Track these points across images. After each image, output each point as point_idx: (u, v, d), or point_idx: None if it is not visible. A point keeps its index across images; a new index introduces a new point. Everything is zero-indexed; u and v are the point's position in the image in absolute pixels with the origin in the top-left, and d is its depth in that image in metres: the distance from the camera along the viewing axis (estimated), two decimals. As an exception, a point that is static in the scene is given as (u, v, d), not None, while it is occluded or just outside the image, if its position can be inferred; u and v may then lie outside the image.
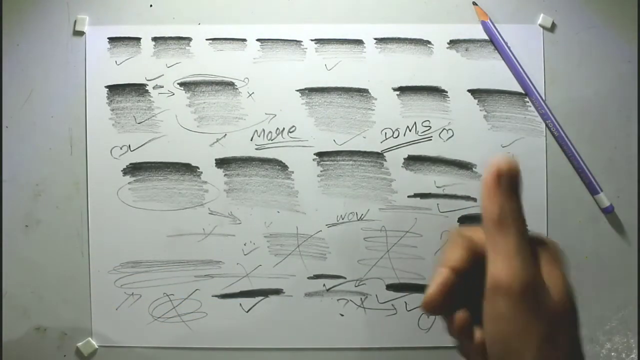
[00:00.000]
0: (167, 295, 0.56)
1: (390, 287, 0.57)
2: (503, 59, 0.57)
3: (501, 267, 0.32)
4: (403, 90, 0.57)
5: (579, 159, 0.57)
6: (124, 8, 0.57)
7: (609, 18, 0.58)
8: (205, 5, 0.57)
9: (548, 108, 0.57)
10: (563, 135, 0.57)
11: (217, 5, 0.57)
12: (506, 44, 0.57)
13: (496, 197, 0.33)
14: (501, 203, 0.33)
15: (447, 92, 0.57)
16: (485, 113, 0.57)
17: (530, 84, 0.57)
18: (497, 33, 0.57)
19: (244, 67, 0.57)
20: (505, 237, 0.33)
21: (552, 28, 0.58)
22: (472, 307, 0.34)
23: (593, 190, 0.57)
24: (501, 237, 0.33)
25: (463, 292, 0.34)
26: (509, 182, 0.34)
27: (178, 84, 0.57)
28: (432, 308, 0.34)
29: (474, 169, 0.57)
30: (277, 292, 0.57)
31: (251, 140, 0.57)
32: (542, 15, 0.58)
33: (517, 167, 0.34)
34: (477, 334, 0.35)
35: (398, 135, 0.57)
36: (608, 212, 0.57)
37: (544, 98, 0.57)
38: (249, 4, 0.57)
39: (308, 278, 0.57)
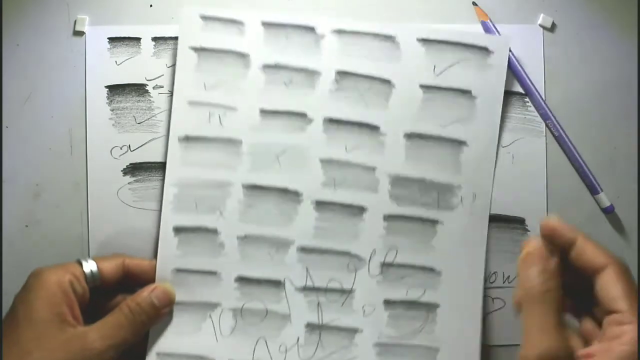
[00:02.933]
0: (167, 295, 0.56)
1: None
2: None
3: (528, 347, 0.37)
4: (403, 90, 0.57)
5: (579, 159, 0.57)
6: (124, 8, 0.57)
7: (610, 18, 0.58)
8: (205, 5, 0.57)
9: (548, 108, 0.57)
10: (563, 135, 0.57)
11: (217, 5, 0.57)
12: (506, 44, 0.57)
13: (526, 270, 0.39)
14: (531, 276, 0.39)
15: (447, 92, 0.57)
16: (485, 113, 0.57)
17: (530, 84, 0.57)
18: (497, 33, 0.57)
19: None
20: (533, 312, 0.38)
21: (552, 28, 0.58)
22: None
23: (593, 190, 0.57)
24: (530, 314, 0.38)
25: None
26: (535, 260, 0.39)
27: (178, 84, 0.56)
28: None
29: (474, 169, 0.57)
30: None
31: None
32: (542, 15, 0.58)
33: (539, 246, 0.40)
34: None
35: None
36: (608, 212, 0.57)
37: (544, 98, 0.57)
38: (249, 4, 0.57)
39: None
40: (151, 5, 0.57)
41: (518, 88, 0.57)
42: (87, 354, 0.45)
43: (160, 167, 0.56)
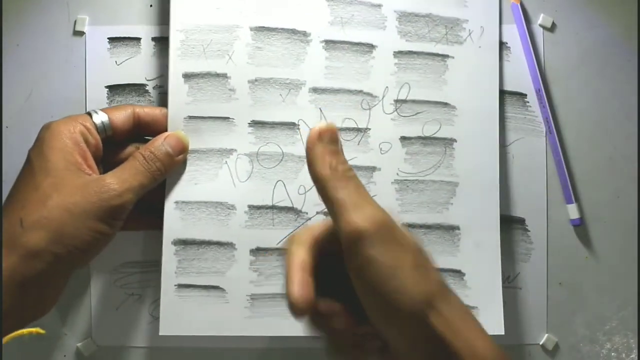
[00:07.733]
0: (167, 295, 0.56)
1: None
2: (522, 45, 0.57)
3: (355, 215, 0.34)
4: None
5: (564, 167, 0.57)
6: (124, 8, 0.57)
7: (610, 18, 0.58)
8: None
9: (548, 108, 0.57)
10: (556, 137, 0.57)
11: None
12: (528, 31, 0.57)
13: (324, 155, 0.36)
14: (330, 160, 0.36)
15: (447, 91, 0.57)
16: (485, 113, 0.57)
17: (531, 84, 0.57)
18: (522, 19, 0.57)
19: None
20: (346, 188, 0.35)
21: (552, 28, 0.58)
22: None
23: (568, 198, 0.57)
24: (343, 189, 0.35)
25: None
26: (330, 139, 0.36)
27: (178, 83, 0.56)
28: (304, 305, 0.34)
29: (474, 168, 0.57)
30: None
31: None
32: (542, 15, 0.58)
33: (333, 125, 0.37)
34: (346, 319, 0.36)
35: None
36: (576, 224, 0.57)
37: (544, 98, 0.57)
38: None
39: None
40: (151, 5, 0.57)
41: (518, 88, 0.57)
42: (105, 196, 0.45)
43: (160, 167, 0.56)
